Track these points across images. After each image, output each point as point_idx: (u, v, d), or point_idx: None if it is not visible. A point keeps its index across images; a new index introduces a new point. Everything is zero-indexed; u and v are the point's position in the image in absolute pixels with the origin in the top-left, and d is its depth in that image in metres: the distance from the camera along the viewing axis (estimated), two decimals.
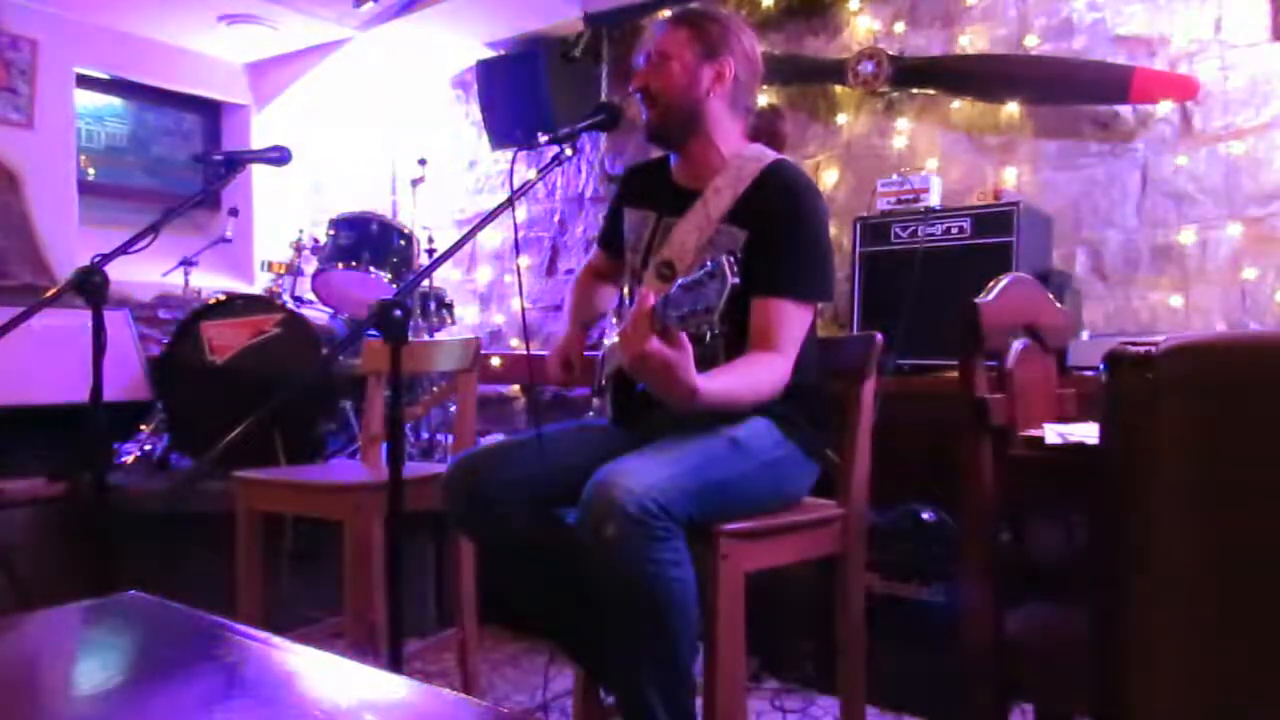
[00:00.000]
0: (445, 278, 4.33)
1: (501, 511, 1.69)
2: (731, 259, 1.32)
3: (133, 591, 1.16)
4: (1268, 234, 2.64)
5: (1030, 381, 1.51)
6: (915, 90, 3.25)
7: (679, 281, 1.39)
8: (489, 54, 4.27)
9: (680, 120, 1.80)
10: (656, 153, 1.96)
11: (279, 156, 2.25)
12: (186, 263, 3.67)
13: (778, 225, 1.71)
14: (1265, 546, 0.87)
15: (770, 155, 1.81)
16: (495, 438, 3.16)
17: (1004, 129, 3.10)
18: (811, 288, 1.73)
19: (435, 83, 4.63)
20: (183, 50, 4.55)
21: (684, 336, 1.40)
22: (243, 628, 1.03)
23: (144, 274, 3.57)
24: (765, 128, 1.92)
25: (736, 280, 1.32)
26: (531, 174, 2.29)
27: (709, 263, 1.35)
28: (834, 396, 1.86)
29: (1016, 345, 1.50)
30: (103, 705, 0.88)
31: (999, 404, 1.39)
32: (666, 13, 2.18)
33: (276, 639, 0.99)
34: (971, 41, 3.16)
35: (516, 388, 4.22)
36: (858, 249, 2.85)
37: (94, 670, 1.02)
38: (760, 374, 1.65)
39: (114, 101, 4.66)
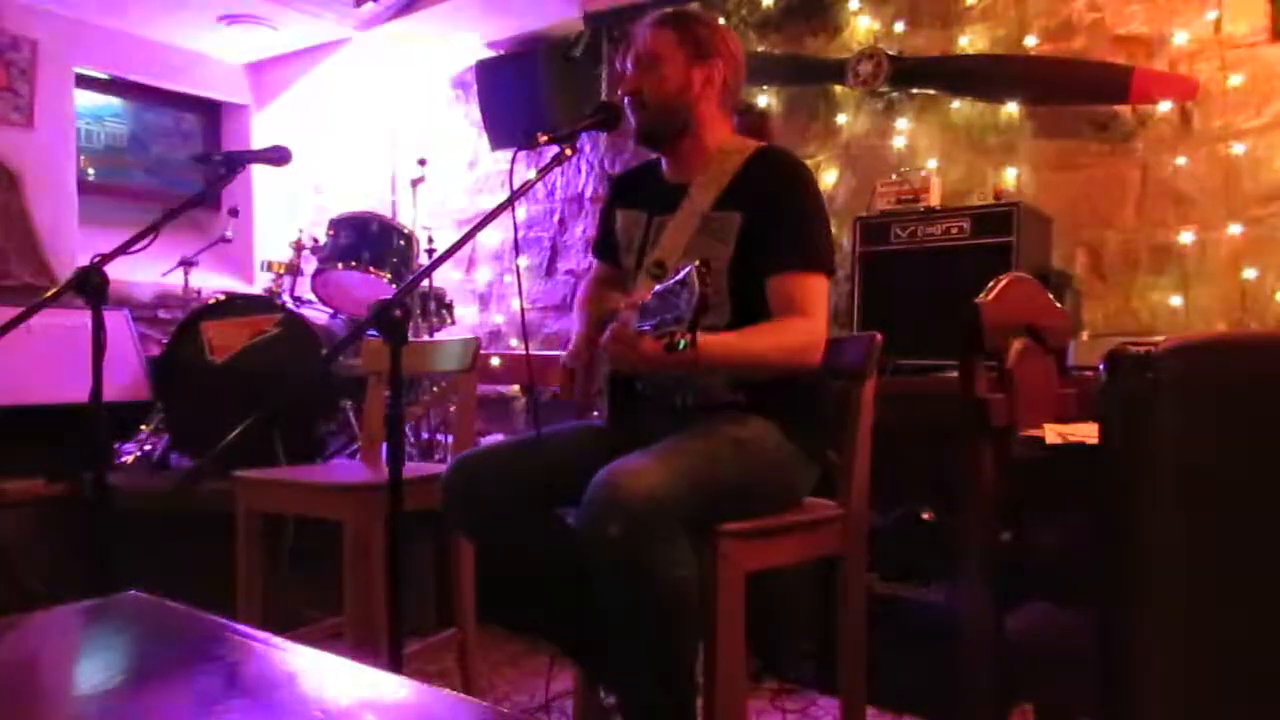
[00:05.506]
0: (445, 278, 4.33)
1: (501, 512, 1.69)
2: (702, 269, 1.29)
3: (133, 591, 1.16)
4: (1267, 234, 2.64)
5: (1030, 381, 1.51)
6: (915, 90, 3.25)
7: (655, 289, 1.39)
8: (489, 54, 4.27)
9: (672, 122, 1.81)
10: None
11: (279, 156, 2.25)
12: (186, 263, 3.67)
13: (776, 203, 1.72)
14: (1265, 546, 0.87)
15: (754, 143, 1.83)
16: (495, 438, 3.16)
17: (1004, 129, 3.09)
18: (821, 258, 1.73)
19: (435, 83, 4.63)
20: (183, 50, 4.55)
21: None
22: (243, 628, 1.03)
23: (144, 274, 3.57)
24: (751, 126, 1.93)
25: (706, 289, 1.29)
26: (531, 174, 2.28)
27: (681, 270, 1.32)
28: (834, 396, 1.86)
29: (1016, 345, 1.50)
30: (103, 705, 0.88)
31: (999, 404, 1.39)
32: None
33: (276, 639, 0.99)
34: (971, 41, 3.16)
35: (516, 388, 4.21)
36: (858, 249, 2.84)
37: (94, 670, 1.02)
38: (786, 333, 1.67)
39: (114, 101, 4.66)
